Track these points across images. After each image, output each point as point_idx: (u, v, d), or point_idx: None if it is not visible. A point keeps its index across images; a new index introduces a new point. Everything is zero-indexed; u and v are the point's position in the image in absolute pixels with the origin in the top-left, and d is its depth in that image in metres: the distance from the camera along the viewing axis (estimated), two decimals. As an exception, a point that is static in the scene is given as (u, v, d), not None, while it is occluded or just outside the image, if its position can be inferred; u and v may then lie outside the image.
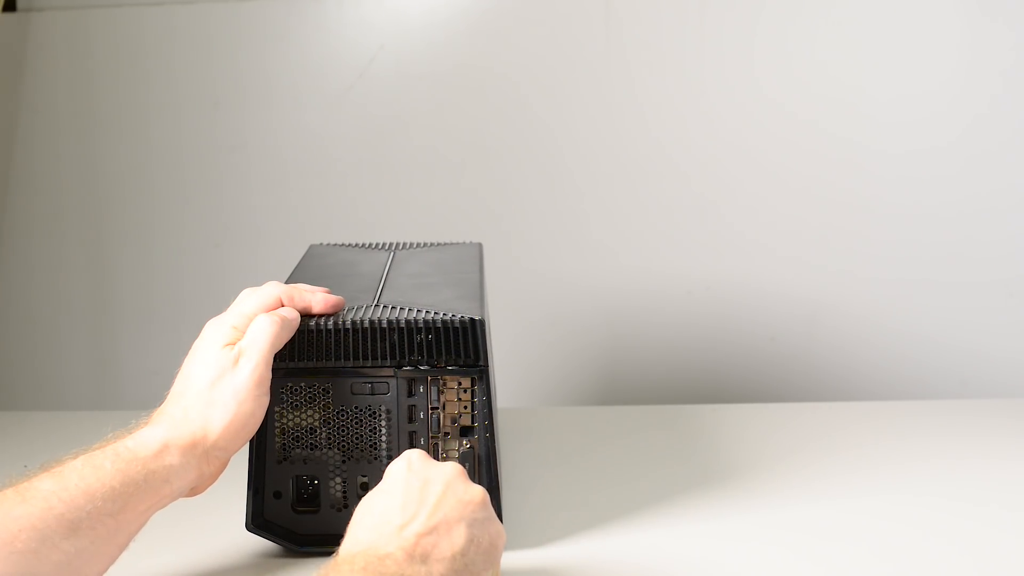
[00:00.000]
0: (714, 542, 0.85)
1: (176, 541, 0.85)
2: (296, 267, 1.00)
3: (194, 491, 0.76)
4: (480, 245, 1.08)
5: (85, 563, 0.68)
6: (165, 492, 0.72)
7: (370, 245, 1.08)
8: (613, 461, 1.03)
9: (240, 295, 0.81)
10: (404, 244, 1.08)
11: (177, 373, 0.78)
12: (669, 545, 0.84)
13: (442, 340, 0.80)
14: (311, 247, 1.08)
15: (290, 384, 0.81)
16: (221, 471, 0.77)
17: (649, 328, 1.60)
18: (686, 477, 0.98)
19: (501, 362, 1.44)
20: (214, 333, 0.78)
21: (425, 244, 1.08)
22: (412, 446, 0.81)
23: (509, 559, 0.82)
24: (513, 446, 1.06)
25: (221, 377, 0.75)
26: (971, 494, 0.94)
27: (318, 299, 0.81)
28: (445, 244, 1.09)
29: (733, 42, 1.54)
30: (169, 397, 0.76)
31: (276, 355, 0.78)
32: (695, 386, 1.60)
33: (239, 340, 0.77)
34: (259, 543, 0.84)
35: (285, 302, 0.80)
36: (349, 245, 1.09)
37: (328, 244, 1.10)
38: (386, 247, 1.07)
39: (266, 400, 0.77)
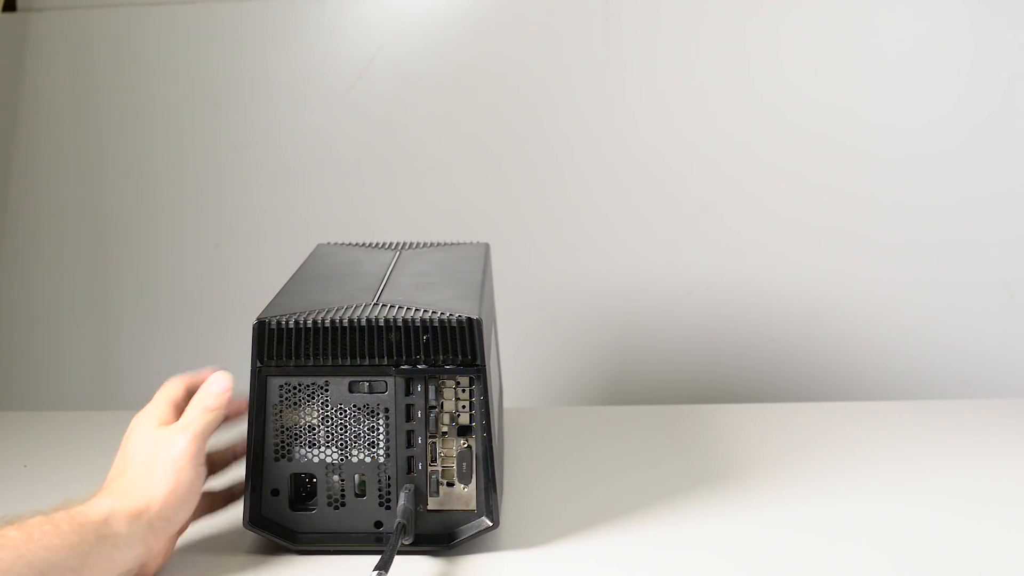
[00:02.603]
0: (714, 542, 0.85)
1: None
2: (301, 266, 1.00)
3: (144, 568, 0.77)
4: (487, 245, 1.08)
5: None
6: (116, 559, 0.74)
7: (377, 245, 1.08)
8: (614, 461, 1.03)
9: (165, 384, 0.84)
10: (411, 244, 1.08)
11: (116, 457, 0.80)
12: (669, 545, 0.84)
13: (440, 339, 0.80)
14: (318, 246, 1.08)
15: (288, 382, 0.81)
16: (169, 548, 0.79)
17: (649, 328, 1.60)
18: (686, 477, 0.98)
19: (502, 362, 1.44)
20: (147, 419, 0.81)
21: (432, 244, 1.08)
22: (410, 445, 0.81)
23: (509, 559, 0.82)
24: (514, 446, 1.06)
25: (160, 450, 0.78)
26: (971, 494, 0.94)
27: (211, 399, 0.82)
28: (452, 244, 1.09)
29: (733, 44, 1.54)
30: (111, 475, 0.79)
31: (275, 354, 0.79)
32: (695, 386, 1.59)
33: (172, 423, 0.80)
34: (256, 541, 0.84)
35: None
36: (357, 244, 1.09)
37: (335, 244, 1.09)
38: (393, 247, 1.07)
39: (204, 471, 0.79)
